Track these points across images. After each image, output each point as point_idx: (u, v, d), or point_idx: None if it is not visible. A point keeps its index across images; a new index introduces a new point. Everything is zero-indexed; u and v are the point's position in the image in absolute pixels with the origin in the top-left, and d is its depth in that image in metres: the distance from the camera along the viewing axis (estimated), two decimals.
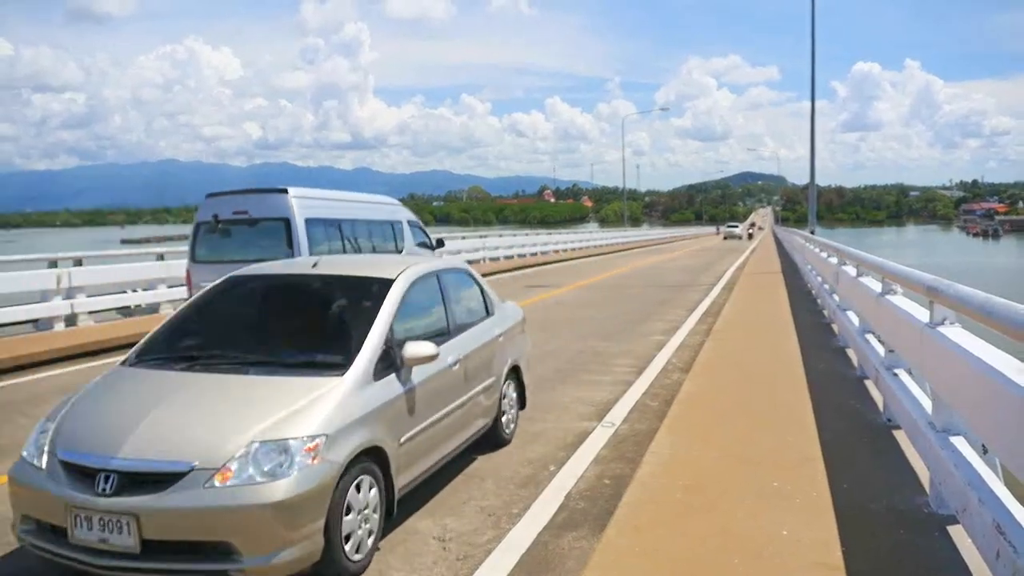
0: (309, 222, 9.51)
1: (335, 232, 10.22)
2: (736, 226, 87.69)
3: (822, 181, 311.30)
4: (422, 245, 13.01)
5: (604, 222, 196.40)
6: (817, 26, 27.99)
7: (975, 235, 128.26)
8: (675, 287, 20.25)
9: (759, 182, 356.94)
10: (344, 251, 10.21)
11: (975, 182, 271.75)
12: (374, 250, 11.16)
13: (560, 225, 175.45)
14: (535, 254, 35.36)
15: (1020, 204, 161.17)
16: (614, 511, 4.52)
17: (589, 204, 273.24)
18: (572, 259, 35.79)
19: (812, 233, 25.47)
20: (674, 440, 5.91)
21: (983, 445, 3.88)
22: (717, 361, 9.25)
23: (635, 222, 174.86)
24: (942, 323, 4.51)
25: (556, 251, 38.75)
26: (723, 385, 7.96)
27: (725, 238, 74.15)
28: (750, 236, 74.52)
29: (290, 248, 9.21)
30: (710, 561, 3.82)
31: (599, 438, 6.24)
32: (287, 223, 9.34)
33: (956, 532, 4.06)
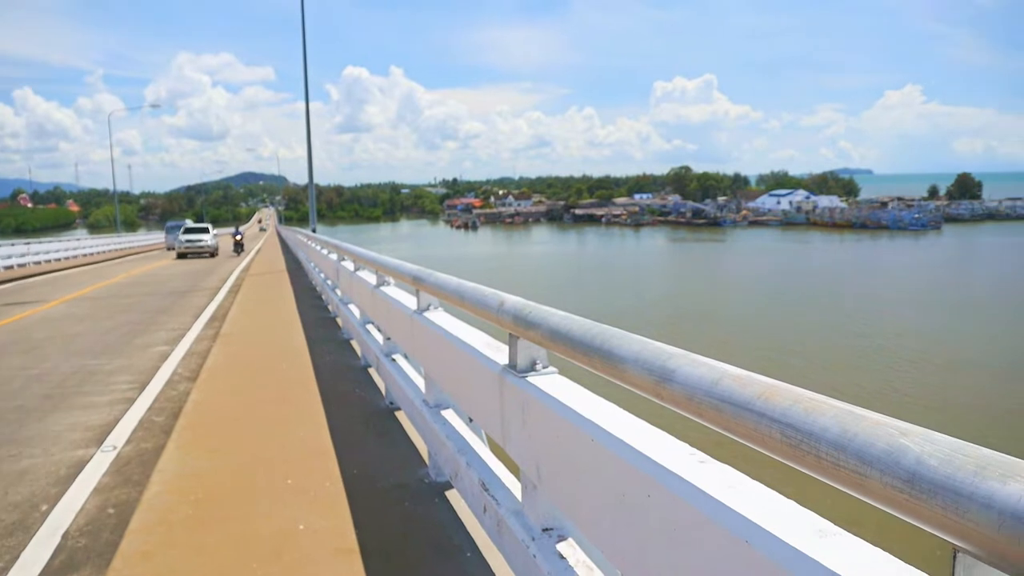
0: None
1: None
2: (205, 230, 41.07)
3: (322, 180, 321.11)
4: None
5: (95, 228, 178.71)
6: (309, 29, 28.77)
7: (458, 228, 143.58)
8: (178, 293, 19.27)
9: (261, 182, 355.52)
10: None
11: (455, 180, 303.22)
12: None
13: (42, 233, 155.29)
14: (11, 267, 30.99)
15: (491, 199, 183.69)
16: (120, 541, 4.16)
17: (75, 209, 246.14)
18: (59, 270, 31.99)
19: (314, 231, 26.20)
20: (183, 454, 5.65)
21: (469, 416, 4.36)
22: (226, 365, 9.04)
23: (131, 227, 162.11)
24: (428, 309, 4.96)
25: (39, 263, 34.33)
26: (232, 389, 7.81)
27: (180, 255, 38.53)
28: (239, 246, 41.39)
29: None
30: (228, 572, 3.71)
31: (99, 465, 5.68)
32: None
33: (452, 495, 4.51)
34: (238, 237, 42.45)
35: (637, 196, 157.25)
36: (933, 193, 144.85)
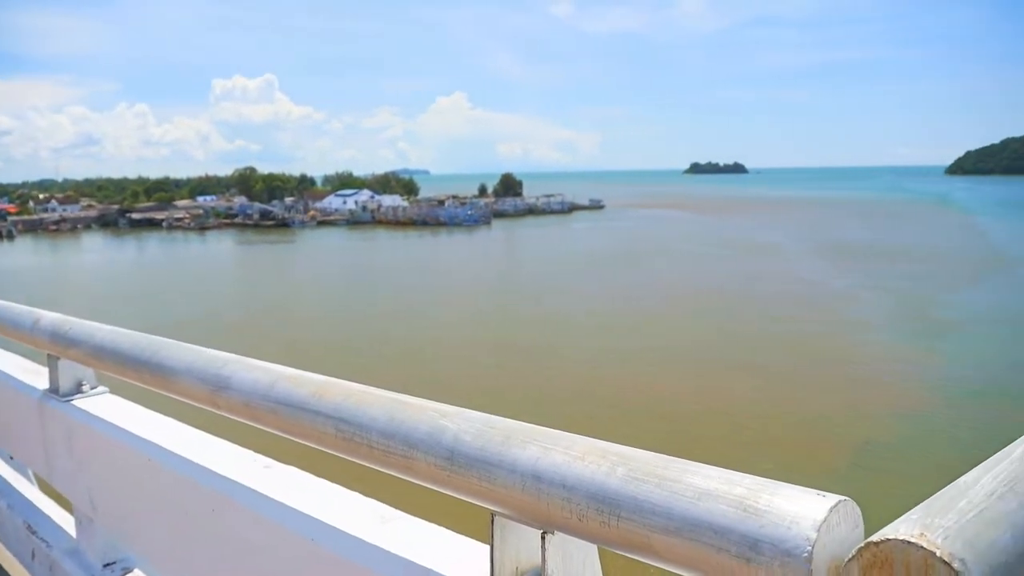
0: None
1: None
2: None
3: None
4: None
5: None
6: None
7: None
8: None
9: None
10: None
11: None
12: None
13: None
14: None
15: (31, 204, 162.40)
16: None
17: None
18: None
19: None
20: None
21: (10, 453, 3.83)
22: None
23: None
24: None
25: None
26: None
27: None
28: None
29: None
30: None
31: None
32: None
33: None
34: None
35: (200, 198, 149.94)
36: (482, 191, 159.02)
